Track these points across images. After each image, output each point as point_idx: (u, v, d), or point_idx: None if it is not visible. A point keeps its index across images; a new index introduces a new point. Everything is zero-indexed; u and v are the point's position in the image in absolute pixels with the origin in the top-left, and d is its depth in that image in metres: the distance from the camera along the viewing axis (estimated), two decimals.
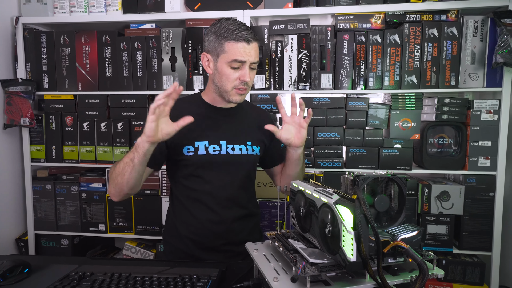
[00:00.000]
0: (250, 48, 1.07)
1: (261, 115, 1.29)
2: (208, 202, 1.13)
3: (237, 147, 1.15)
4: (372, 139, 1.61)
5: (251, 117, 1.25)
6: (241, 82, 1.09)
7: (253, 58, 1.09)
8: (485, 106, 1.54)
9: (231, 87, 1.10)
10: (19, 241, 1.86)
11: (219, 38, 1.08)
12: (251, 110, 1.28)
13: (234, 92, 1.10)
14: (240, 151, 1.16)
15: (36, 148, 1.82)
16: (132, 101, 1.74)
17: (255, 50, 1.09)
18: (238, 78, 1.08)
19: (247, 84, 1.10)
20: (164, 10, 1.66)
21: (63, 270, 0.92)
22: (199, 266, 0.95)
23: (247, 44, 1.07)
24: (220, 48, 1.08)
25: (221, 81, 1.10)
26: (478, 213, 1.57)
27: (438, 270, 0.67)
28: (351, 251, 0.60)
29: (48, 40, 1.76)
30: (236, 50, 1.06)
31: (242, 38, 1.06)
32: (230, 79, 1.08)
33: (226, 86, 1.10)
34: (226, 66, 1.08)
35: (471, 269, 1.59)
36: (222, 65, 1.08)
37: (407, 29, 1.55)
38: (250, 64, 1.09)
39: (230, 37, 1.06)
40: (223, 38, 1.07)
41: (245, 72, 1.08)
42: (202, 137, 1.13)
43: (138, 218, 1.79)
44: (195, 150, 1.11)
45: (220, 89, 1.12)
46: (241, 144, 1.16)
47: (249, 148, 1.18)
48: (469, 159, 1.56)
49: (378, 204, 0.71)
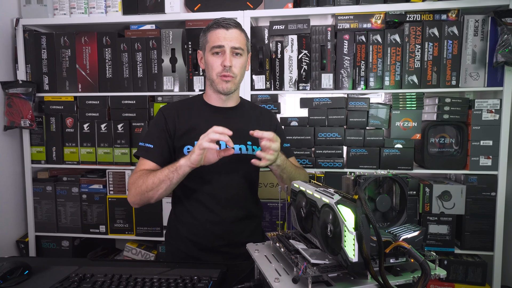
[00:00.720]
0: (229, 33, 1.10)
1: (262, 114, 1.28)
2: (207, 203, 1.13)
3: (237, 147, 1.15)
4: (373, 139, 1.61)
5: (252, 116, 1.24)
6: (224, 68, 1.10)
7: (233, 43, 1.10)
8: (486, 106, 1.53)
9: (215, 75, 1.12)
10: (19, 242, 1.86)
11: (205, 31, 1.15)
12: (253, 109, 1.28)
13: (219, 80, 1.13)
14: (239, 151, 1.15)
15: (36, 150, 1.82)
16: (133, 102, 1.74)
17: (236, 35, 1.12)
18: (220, 65, 1.11)
19: (231, 70, 1.11)
20: (164, 11, 1.66)
21: (64, 272, 0.92)
22: (200, 267, 0.95)
23: (225, 30, 1.10)
24: (205, 40, 1.14)
25: (208, 72, 1.15)
26: (479, 213, 1.56)
27: (441, 270, 0.66)
28: (352, 251, 0.60)
29: (48, 41, 1.76)
30: (215, 36, 1.10)
31: (221, 24, 1.11)
32: (214, 66, 1.12)
33: (212, 74, 1.13)
34: (210, 54, 1.12)
35: (473, 269, 1.58)
36: (207, 55, 1.13)
37: (407, 28, 1.54)
38: (233, 49, 1.11)
39: (211, 27, 1.12)
40: (207, 29, 1.14)
41: (226, 57, 1.10)
42: None
43: (138, 220, 1.78)
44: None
45: (210, 80, 1.15)
46: (241, 144, 1.16)
47: (249, 148, 1.18)
48: (471, 159, 1.55)
49: (379, 204, 0.71)
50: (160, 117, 1.17)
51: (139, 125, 1.74)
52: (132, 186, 1.10)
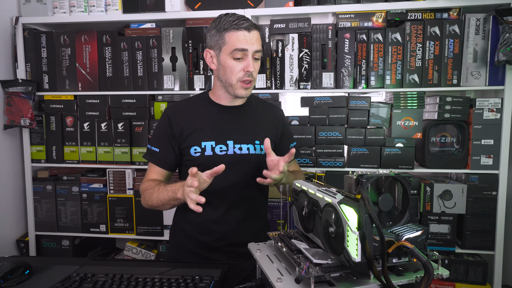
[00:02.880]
0: (251, 36, 1.05)
1: (271, 111, 1.25)
2: (213, 202, 1.12)
3: (245, 147, 1.14)
4: (374, 138, 1.61)
5: (260, 114, 1.21)
6: (246, 74, 1.06)
7: (255, 46, 1.06)
8: (488, 105, 1.53)
9: (236, 80, 1.07)
10: (19, 242, 1.85)
11: (220, 31, 1.07)
12: (261, 106, 1.24)
13: (239, 86, 1.08)
14: (247, 150, 1.14)
15: (36, 149, 1.82)
16: (133, 101, 1.74)
17: (256, 38, 1.07)
18: (242, 70, 1.06)
19: (252, 75, 1.07)
20: (165, 10, 1.65)
21: (65, 272, 0.92)
22: (202, 267, 0.95)
23: (247, 32, 1.05)
24: (222, 41, 1.06)
25: (225, 75, 1.09)
26: (480, 212, 1.56)
27: (443, 270, 0.66)
28: (355, 251, 0.60)
29: (48, 40, 1.76)
30: (236, 39, 1.04)
31: (242, 26, 1.04)
32: (234, 71, 1.06)
33: (230, 79, 1.08)
34: (229, 58, 1.06)
35: (474, 268, 1.58)
36: (225, 58, 1.07)
37: (408, 27, 1.54)
38: (253, 53, 1.06)
39: (230, 28, 1.05)
40: (224, 30, 1.06)
41: (249, 62, 1.05)
42: (208, 138, 1.12)
43: (139, 219, 1.78)
44: (202, 150, 1.11)
45: (225, 83, 1.10)
46: (248, 144, 1.14)
47: (257, 147, 1.15)
48: (472, 158, 1.55)
49: (382, 203, 0.71)
50: (165, 118, 1.16)
51: (140, 124, 1.73)
52: (142, 195, 1.15)
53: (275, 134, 1.21)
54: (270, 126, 1.21)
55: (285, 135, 1.24)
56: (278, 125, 1.23)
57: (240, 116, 1.17)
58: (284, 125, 1.25)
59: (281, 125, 1.24)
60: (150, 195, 1.10)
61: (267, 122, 1.20)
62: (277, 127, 1.22)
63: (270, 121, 1.21)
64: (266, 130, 1.19)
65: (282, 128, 1.24)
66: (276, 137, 1.21)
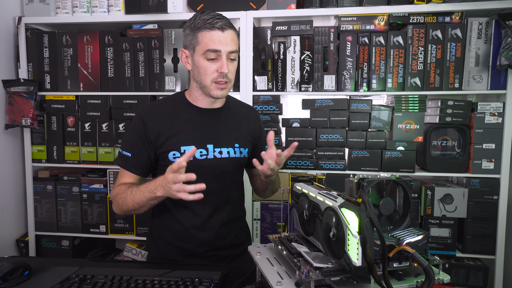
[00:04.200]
0: (225, 35, 1.01)
1: (249, 113, 1.24)
2: (194, 208, 1.09)
3: (225, 150, 1.11)
4: (375, 141, 1.60)
5: (238, 116, 1.19)
6: (220, 75, 1.03)
7: (229, 47, 1.02)
8: (489, 109, 1.53)
9: (210, 81, 1.04)
10: (19, 242, 1.85)
11: (194, 30, 1.03)
12: (239, 108, 1.22)
13: (214, 87, 1.05)
14: (228, 154, 1.12)
15: (37, 149, 1.82)
16: (134, 102, 1.74)
17: (231, 38, 1.03)
18: (216, 71, 1.03)
19: (227, 76, 1.04)
20: (167, 11, 1.66)
21: (64, 272, 0.92)
22: (201, 269, 0.94)
23: (221, 32, 1.01)
24: (195, 40, 1.03)
25: (199, 76, 1.05)
26: (481, 216, 1.55)
27: (444, 275, 0.66)
28: (356, 255, 0.59)
29: (50, 40, 1.76)
30: (209, 39, 1.01)
31: (216, 26, 1.00)
32: (208, 72, 1.03)
33: (205, 80, 1.04)
34: (202, 58, 1.03)
35: (475, 272, 1.57)
36: (199, 58, 1.03)
37: (410, 30, 1.54)
38: (228, 54, 1.03)
39: (203, 27, 1.01)
40: (197, 29, 1.02)
41: (222, 63, 1.02)
42: (188, 142, 1.08)
43: (139, 220, 1.78)
44: (181, 155, 1.06)
45: (200, 84, 1.07)
46: (228, 147, 1.12)
47: (237, 150, 1.13)
48: (473, 162, 1.54)
49: (383, 207, 0.70)
50: (139, 121, 1.09)
51: None
52: (113, 200, 1.10)
53: (253, 136, 1.20)
54: (249, 128, 1.19)
55: (261, 137, 1.23)
56: (256, 127, 1.22)
57: (219, 118, 1.14)
58: (261, 127, 1.25)
59: (258, 127, 1.24)
60: (124, 199, 1.04)
61: (246, 124, 1.19)
62: (255, 130, 1.22)
63: (248, 123, 1.20)
64: (245, 133, 1.17)
65: (259, 130, 1.24)
66: (253, 139, 1.21)
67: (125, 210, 1.07)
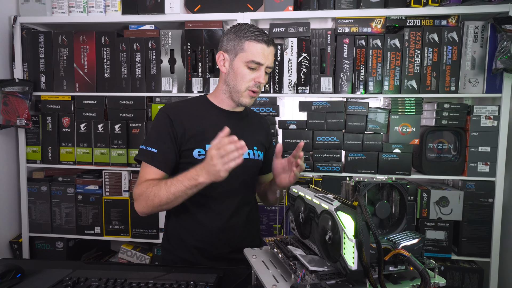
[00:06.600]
0: (269, 51, 1.09)
1: (262, 121, 1.31)
2: (216, 208, 1.11)
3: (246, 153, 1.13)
4: (372, 144, 1.61)
5: (255, 123, 1.26)
6: (255, 84, 1.09)
7: (270, 62, 1.10)
8: (485, 112, 1.53)
9: (245, 88, 1.09)
10: (13, 243, 1.83)
11: (240, 37, 1.08)
12: (253, 115, 1.29)
13: (246, 94, 1.10)
14: (248, 155, 1.15)
15: (32, 149, 1.80)
16: (130, 102, 1.73)
17: (272, 54, 1.11)
18: (253, 79, 1.09)
19: (259, 87, 1.11)
20: (164, 12, 1.65)
21: (57, 275, 0.91)
22: (196, 272, 0.94)
23: (266, 46, 1.08)
24: (240, 47, 1.08)
25: (235, 81, 1.10)
26: (477, 219, 1.56)
27: (440, 278, 0.66)
28: (352, 259, 0.59)
29: (46, 40, 1.75)
30: (255, 51, 1.06)
31: (263, 39, 1.07)
32: (246, 79, 1.08)
33: (240, 86, 1.09)
34: (243, 65, 1.08)
35: (470, 275, 1.58)
36: (239, 64, 1.08)
37: (407, 33, 1.54)
38: (266, 68, 1.10)
39: (251, 37, 1.06)
40: (244, 37, 1.07)
41: (261, 74, 1.08)
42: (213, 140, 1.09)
43: (134, 221, 1.76)
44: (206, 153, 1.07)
45: (233, 89, 1.11)
46: (249, 149, 1.14)
47: (256, 153, 1.18)
48: (468, 165, 1.55)
49: (379, 211, 0.70)
50: (164, 118, 1.09)
51: (137, 126, 1.72)
52: (140, 197, 1.03)
53: (266, 142, 1.26)
54: (263, 135, 1.25)
55: (271, 147, 1.31)
56: (268, 135, 1.30)
57: (241, 121, 1.19)
58: (271, 137, 1.33)
59: (270, 136, 1.31)
60: (156, 191, 0.99)
61: (261, 130, 1.25)
62: (268, 137, 1.29)
63: (262, 130, 1.27)
64: (261, 138, 1.23)
65: (271, 139, 1.31)
66: (266, 145, 1.26)
67: (155, 205, 1.01)
